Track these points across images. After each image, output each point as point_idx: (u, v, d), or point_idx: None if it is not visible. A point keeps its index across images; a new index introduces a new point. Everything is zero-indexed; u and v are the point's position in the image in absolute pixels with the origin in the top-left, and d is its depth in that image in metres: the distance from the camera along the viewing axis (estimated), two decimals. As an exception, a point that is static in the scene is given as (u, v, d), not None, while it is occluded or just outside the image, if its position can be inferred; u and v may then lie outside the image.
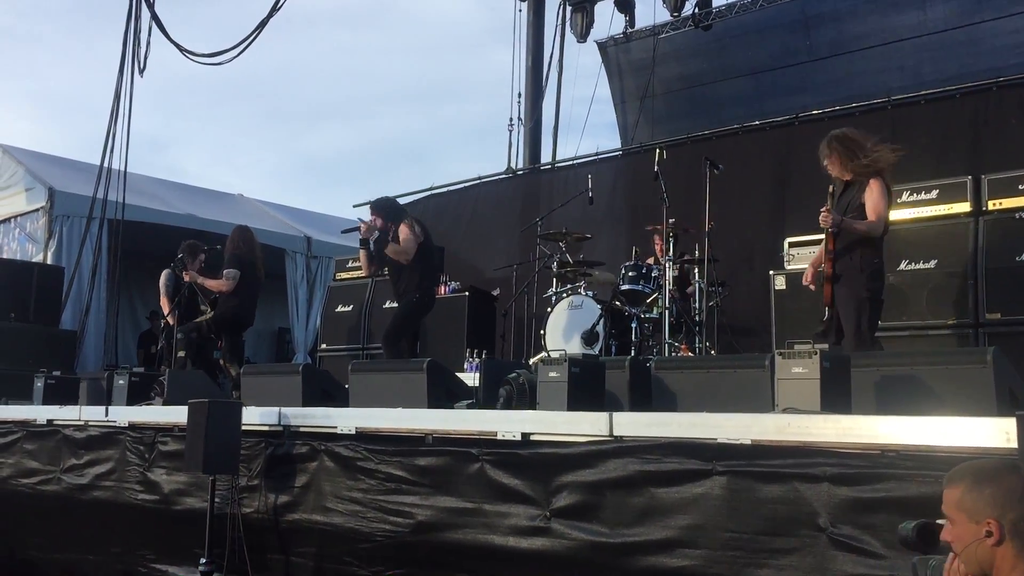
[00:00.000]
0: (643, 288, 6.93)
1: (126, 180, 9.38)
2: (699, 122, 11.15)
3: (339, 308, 9.45)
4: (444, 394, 4.97)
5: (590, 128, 25.89)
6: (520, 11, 12.71)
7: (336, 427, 4.95)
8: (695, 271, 7.25)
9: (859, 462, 3.16)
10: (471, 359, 7.78)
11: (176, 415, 5.62)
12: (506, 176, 11.94)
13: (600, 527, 3.74)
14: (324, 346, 9.60)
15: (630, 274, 7.00)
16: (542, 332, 7.17)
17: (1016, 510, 2.06)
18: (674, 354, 6.52)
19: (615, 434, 3.88)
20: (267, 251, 9.04)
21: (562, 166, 11.62)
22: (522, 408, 4.44)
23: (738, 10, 12.03)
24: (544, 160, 12.60)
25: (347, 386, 5.47)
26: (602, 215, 9.23)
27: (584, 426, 4.00)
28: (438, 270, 8.32)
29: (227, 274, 7.82)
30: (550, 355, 4.53)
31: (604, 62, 13.62)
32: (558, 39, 13.06)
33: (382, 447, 4.63)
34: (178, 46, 9.53)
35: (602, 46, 13.50)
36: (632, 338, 6.86)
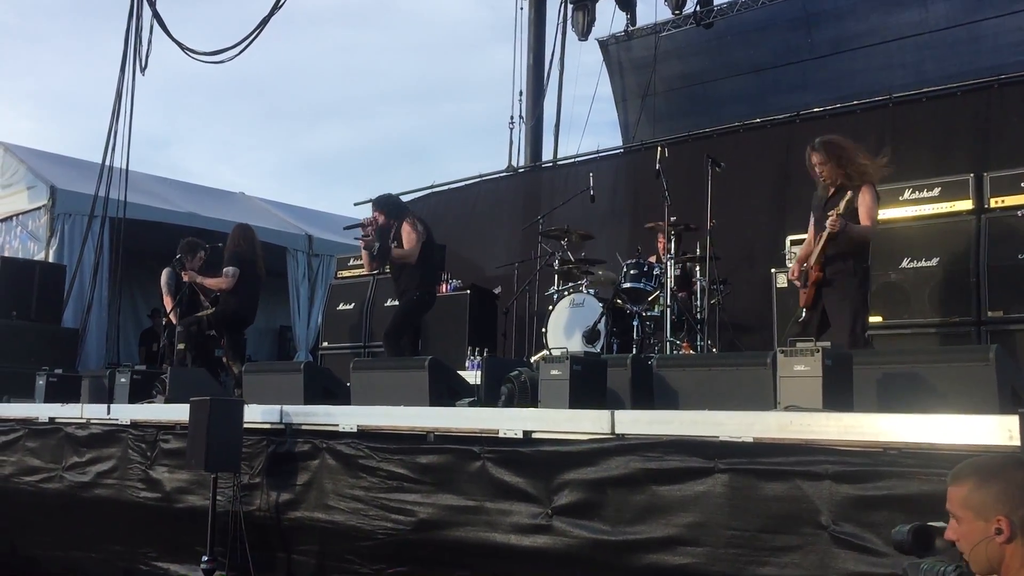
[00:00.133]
0: (645, 286, 6.93)
1: (127, 178, 9.38)
2: (700, 120, 11.16)
3: (340, 306, 9.44)
4: (445, 392, 4.96)
5: (591, 126, 25.85)
6: (521, 9, 12.70)
7: (338, 425, 4.95)
8: (697, 269, 7.26)
9: (861, 460, 3.16)
10: (472, 357, 7.77)
11: (178, 413, 5.62)
12: (507, 174, 11.92)
13: (602, 525, 3.74)
14: (325, 344, 9.59)
15: (632, 272, 7.00)
16: (543, 330, 7.17)
17: None
18: (676, 352, 6.52)
19: (617, 432, 3.88)
20: (268, 249, 9.05)
21: (563, 164, 11.61)
22: (524, 406, 4.43)
23: (739, 8, 12.01)
24: (545, 158, 12.61)
25: (349, 384, 5.47)
26: (603, 213, 9.20)
27: (586, 424, 4.00)
28: (439, 268, 8.32)
29: (227, 272, 7.82)
30: (552, 353, 4.53)
31: (605, 60, 13.60)
32: (559, 37, 13.08)
33: (384, 445, 4.63)
34: (180, 44, 9.56)
35: (603, 44, 13.48)
36: (634, 336, 6.86)
